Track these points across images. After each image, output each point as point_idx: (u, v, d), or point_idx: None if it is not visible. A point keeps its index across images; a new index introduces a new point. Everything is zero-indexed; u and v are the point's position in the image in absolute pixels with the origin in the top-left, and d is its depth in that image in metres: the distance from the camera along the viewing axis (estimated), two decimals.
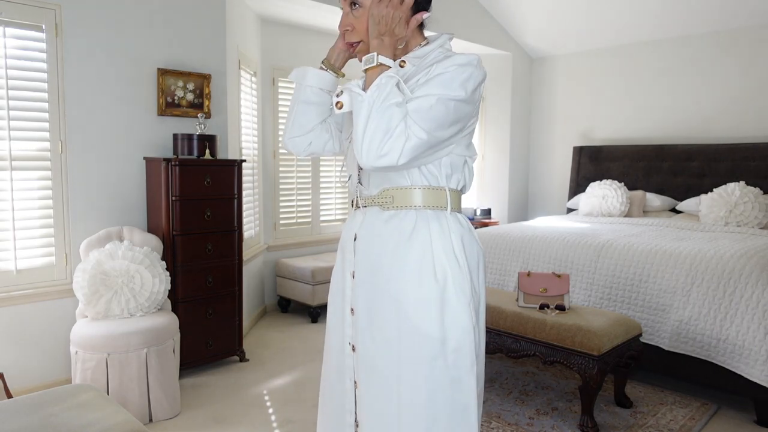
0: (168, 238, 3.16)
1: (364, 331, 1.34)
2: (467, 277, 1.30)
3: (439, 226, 1.32)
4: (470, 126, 1.34)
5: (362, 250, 1.37)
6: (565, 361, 2.66)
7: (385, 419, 1.31)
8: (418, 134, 1.20)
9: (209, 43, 3.59)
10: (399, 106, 1.21)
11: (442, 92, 1.23)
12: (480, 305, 1.38)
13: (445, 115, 1.23)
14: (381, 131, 1.19)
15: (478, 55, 1.30)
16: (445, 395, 1.28)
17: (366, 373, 1.34)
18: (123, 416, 1.77)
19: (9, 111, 2.84)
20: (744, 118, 4.66)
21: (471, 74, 1.26)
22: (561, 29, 5.47)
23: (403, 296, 1.29)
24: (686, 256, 3.11)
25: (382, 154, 1.19)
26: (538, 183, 6.17)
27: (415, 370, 1.27)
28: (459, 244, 1.32)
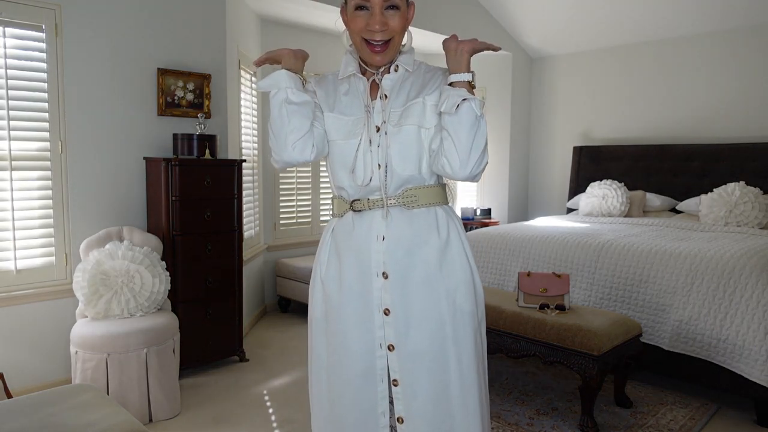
0: (168, 238, 3.16)
1: (404, 329, 1.38)
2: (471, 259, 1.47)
3: (455, 219, 1.49)
4: None
5: (392, 250, 1.39)
6: (565, 361, 2.66)
7: (442, 403, 1.38)
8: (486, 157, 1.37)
9: (209, 43, 3.59)
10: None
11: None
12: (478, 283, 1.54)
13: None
14: (484, 151, 1.34)
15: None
16: (483, 362, 1.49)
17: (411, 369, 1.38)
18: (123, 416, 1.77)
19: (9, 111, 2.84)
20: (744, 118, 4.66)
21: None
22: (561, 29, 5.46)
23: (448, 285, 1.40)
24: (686, 256, 3.11)
25: (481, 171, 1.36)
26: (538, 183, 6.17)
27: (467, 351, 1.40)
28: (462, 231, 1.49)
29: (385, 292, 1.38)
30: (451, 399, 1.38)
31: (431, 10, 4.88)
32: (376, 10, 1.34)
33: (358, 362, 1.42)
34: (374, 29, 1.35)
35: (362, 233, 1.42)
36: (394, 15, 1.35)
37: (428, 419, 1.37)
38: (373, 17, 1.34)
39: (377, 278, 1.39)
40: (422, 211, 1.41)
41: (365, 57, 1.40)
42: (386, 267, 1.39)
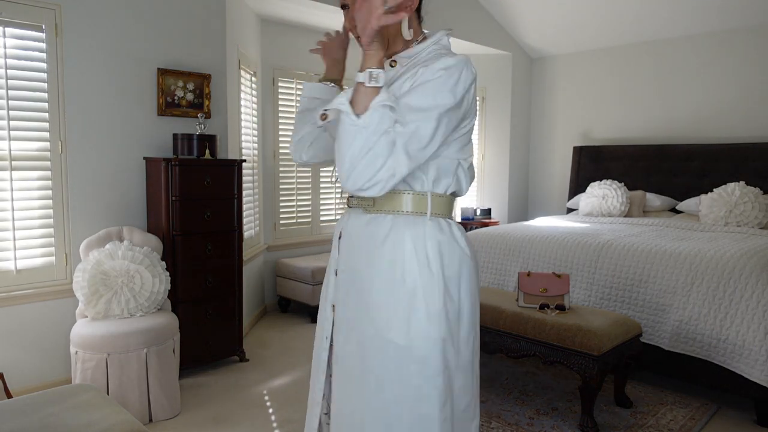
0: (168, 238, 3.16)
1: (340, 327, 1.36)
2: (440, 287, 1.25)
3: (414, 233, 1.28)
4: (463, 128, 1.29)
5: (345, 249, 1.38)
6: (565, 361, 2.66)
7: (352, 416, 1.31)
8: (402, 167, 1.18)
9: (209, 43, 3.59)
10: (387, 134, 1.16)
11: (430, 103, 1.19)
12: (462, 315, 1.30)
13: (434, 132, 1.20)
14: (369, 165, 1.15)
15: (467, 56, 1.26)
16: (407, 404, 1.25)
17: (338, 368, 1.36)
18: (123, 416, 1.77)
19: (9, 111, 2.84)
20: (744, 118, 4.66)
21: (459, 77, 1.21)
22: (561, 29, 5.47)
23: (373, 302, 1.27)
24: (686, 256, 3.11)
25: (366, 187, 1.17)
26: (538, 183, 6.17)
27: (379, 375, 1.26)
28: (435, 252, 1.27)
29: (335, 288, 1.39)
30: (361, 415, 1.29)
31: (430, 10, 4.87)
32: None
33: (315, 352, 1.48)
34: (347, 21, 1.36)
35: (336, 229, 1.44)
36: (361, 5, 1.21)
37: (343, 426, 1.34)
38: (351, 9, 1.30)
39: (333, 274, 1.40)
40: (375, 218, 1.31)
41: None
42: (338, 265, 1.38)
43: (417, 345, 1.24)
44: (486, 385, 3.16)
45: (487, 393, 3.07)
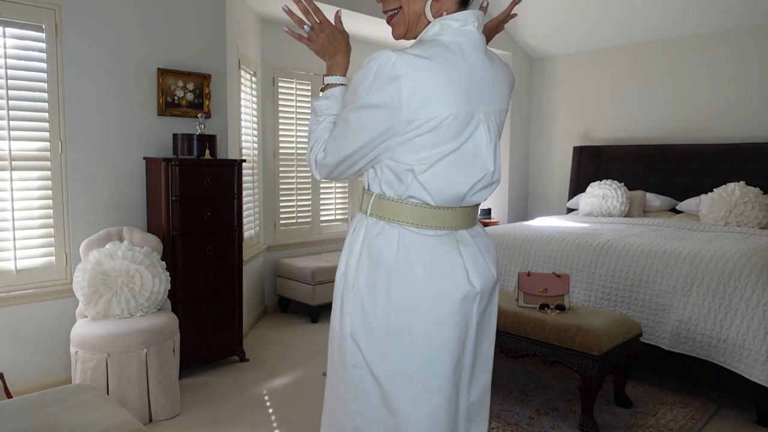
0: (168, 238, 3.16)
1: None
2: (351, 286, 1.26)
3: (356, 228, 1.31)
4: (407, 132, 1.16)
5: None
6: (565, 361, 2.66)
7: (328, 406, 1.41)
8: (324, 157, 1.25)
9: (209, 43, 3.59)
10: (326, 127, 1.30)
11: (344, 103, 1.25)
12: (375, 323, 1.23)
13: (346, 130, 1.20)
14: (308, 151, 1.32)
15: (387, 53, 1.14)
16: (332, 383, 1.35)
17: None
18: (123, 416, 1.77)
19: (9, 111, 2.84)
20: (744, 118, 4.66)
21: (365, 76, 1.16)
22: (561, 29, 5.47)
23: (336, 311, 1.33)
24: (686, 256, 3.11)
25: (310, 168, 1.32)
26: (538, 183, 6.17)
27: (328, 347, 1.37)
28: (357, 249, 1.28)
29: None
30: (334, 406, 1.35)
31: None
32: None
33: None
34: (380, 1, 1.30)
35: None
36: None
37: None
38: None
39: None
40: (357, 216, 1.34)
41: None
42: None
43: (338, 332, 1.30)
44: None
45: None
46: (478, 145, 1.20)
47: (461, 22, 1.21)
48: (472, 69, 1.19)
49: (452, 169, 1.20)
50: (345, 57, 1.33)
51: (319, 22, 1.30)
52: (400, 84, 1.12)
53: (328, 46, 1.31)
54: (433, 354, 1.22)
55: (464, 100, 1.17)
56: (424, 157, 1.18)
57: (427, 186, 1.20)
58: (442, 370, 1.23)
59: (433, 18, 1.22)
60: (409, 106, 1.13)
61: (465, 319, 1.25)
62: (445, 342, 1.23)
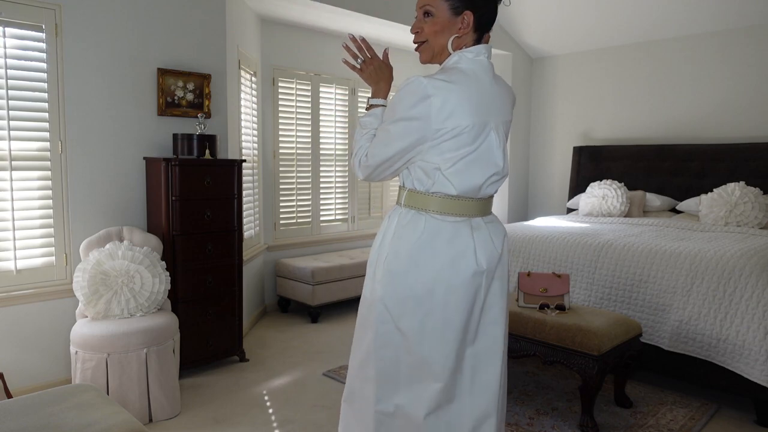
0: (168, 238, 3.16)
1: None
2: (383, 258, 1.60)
3: (391, 216, 1.65)
4: (437, 138, 1.49)
5: None
6: (565, 361, 2.66)
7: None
8: (366, 160, 1.59)
9: (209, 43, 3.59)
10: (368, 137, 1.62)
11: (385, 118, 1.58)
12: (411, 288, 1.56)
13: (387, 138, 1.53)
14: (352, 156, 1.64)
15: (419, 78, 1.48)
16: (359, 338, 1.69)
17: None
18: (123, 416, 1.77)
19: (9, 111, 2.84)
20: (744, 118, 4.66)
21: (402, 96, 1.50)
22: (561, 29, 5.47)
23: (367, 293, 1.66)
24: (686, 256, 3.11)
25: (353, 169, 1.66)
26: (538, 183, 6.17)
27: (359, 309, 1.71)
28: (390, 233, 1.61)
29: None
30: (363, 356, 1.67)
31: None
32: (419, 16, 1.60)
33: None
34: (412, 32, 1.63)
35: None
36: (427, 22, 1.57)
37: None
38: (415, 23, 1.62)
39: None
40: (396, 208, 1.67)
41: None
42: None
43: (369, 298, 1.63)
44: None
45: None
46: (490, 147, 1.54)
47: (475, 54, 1.56)
48: (484, 89, 1.54)
49: (471, 167, 1.54)
50: (387, 85, 1.68)
51: (371, 57, 1.68)
52: (431, 102, 1.46)
53: (374, 76, 1.68)
54: (448, 314, 1.56)
55: (479, 113, 1.51)
56: (449, 157, 1.51)
57: (452, 180, 1.53)
58: (452, 326, 1.56)
59: (453, 51, 1.57)
60: (437, 118, 1.47)
61: (474, 290, 1.57)
62: (456, 306, 1.55)
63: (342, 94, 5.19)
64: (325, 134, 5.09)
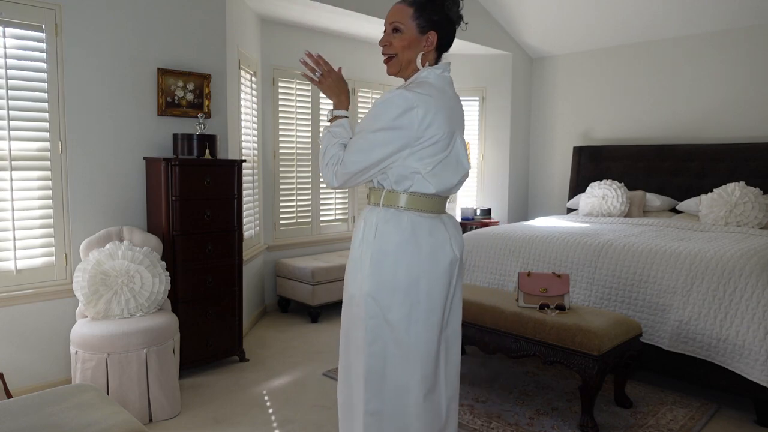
0: (168, 238, 3.16)
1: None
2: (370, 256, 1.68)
3: (367, 217, 1.74)
4: (417, 146, 1.62)
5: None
6: (565, 361, 2.66)
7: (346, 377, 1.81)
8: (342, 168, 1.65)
9: (209, 43, 3.59)
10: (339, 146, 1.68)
11: (362, 127, 1.65)
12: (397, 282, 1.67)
13: (368, 146, 1.62)
14: (324, 165, 1.69)
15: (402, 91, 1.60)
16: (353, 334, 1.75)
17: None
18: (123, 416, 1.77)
19: (9, 111, 2.84)
20: (744, 118, 4.66)
21: (387, 107, 1.60)
22: (561, 29, 5.47)
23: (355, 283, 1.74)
24: (686, 256, 3.11)
25: (326, 181, 1.72)
26: (538, 183, 6.17)
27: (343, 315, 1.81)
28: (371, 231, 1.70)
29: None
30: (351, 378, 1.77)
31: None
32: (388, 30, 1.72)
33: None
34: (381, 45, 1.74)
35: None
36: (396, 37, 1.70)
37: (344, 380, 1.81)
38: (383, 38, 1.74)
39: None
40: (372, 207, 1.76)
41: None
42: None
43: (357, 295, 1.72)
44: (486, 385, 3.17)
45: (487, 393, 3.07)
46: (458, 152, 1.72)
47: (442, 70, 1.73)
48: (450, 101, 1.70)
49: (447, 169, 1.70)
50: (347, 97, 1.80)
51: (327, 70, 1.79)
52: (416, 112, 1.59)
53: (334, 88, 1.78)
54: (431, 303, 1.70)
55: (450, 123, 1.67)
56: (428, 162, 1.65)
57: (431, 181, 1.67)
58: (436, 313, 1.71)
59: (421, 66, 1.71)
60: (419, 128, 1.60)
61: (450, 277, 1.73)
62: (438, 294, 1.71)
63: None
64: None
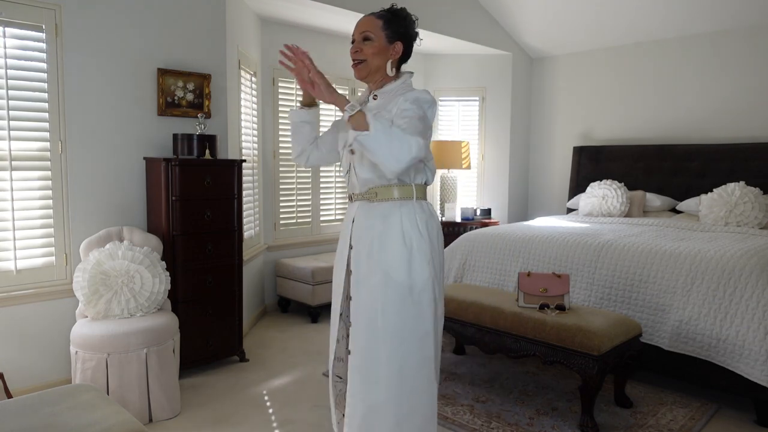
0: (168, 238, 3.16)
1: (356, 286, 1.86)
2: (427, 244, 1.84)
3: (407, 211, 1.85)
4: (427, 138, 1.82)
5: (357, 229, 1.90)
6: (565, 361, 2.66)
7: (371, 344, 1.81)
8: (418, 141, 1.70)
9: (209, 43, 3.59)
10: (392, 128, 1.69)
11: (413, 114, 1.76)
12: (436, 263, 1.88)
13: (421, 127, 1.76)
14: (397, 146, 1.67)
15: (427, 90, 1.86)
16: (412, 323, 1.82)
17: (356, 314, 1.85)
18: (123, 416, 1.77)
19: (9, 111, 2.84)
20: (744, 118, 4.66)
21: (427, 100, 1.81)
22: (561, 29, 5.47)
23: (385, 259, 1.81)
24: (686, 256, 3.11)
25: (403, 159, 1.68)
26: (538, 183, 6.17)
27: (391, 307, 1.81)
28: (422, 222, 1.86)
29: (350, 258, 1.90)
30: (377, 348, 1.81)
31: (431, 10, 4.88)
32: (359, 39, 1.87)
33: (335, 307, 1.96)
34: (352, 52, 1.88)
35: (347, 216, 1.98)
36: (367, 44, 1.85)
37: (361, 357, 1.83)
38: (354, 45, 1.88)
39: (348, 248, 1.91)
40: (380, 204, 1.87)
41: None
42: (353, 241, 1.90)
43: (416, 282, 1.82)
44: (486, 385, 3.17)
45: (487, 393, 3.07)
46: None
47: (411, 76, 1.95)
48: None
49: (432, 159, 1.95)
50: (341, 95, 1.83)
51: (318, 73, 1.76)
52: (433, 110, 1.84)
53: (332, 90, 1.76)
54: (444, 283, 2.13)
55: None
56: (429, 155, 1.88)
57: (433, 170, 1.95)
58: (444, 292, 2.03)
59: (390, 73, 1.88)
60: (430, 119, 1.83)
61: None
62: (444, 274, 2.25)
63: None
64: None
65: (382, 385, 1.77)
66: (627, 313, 3.17)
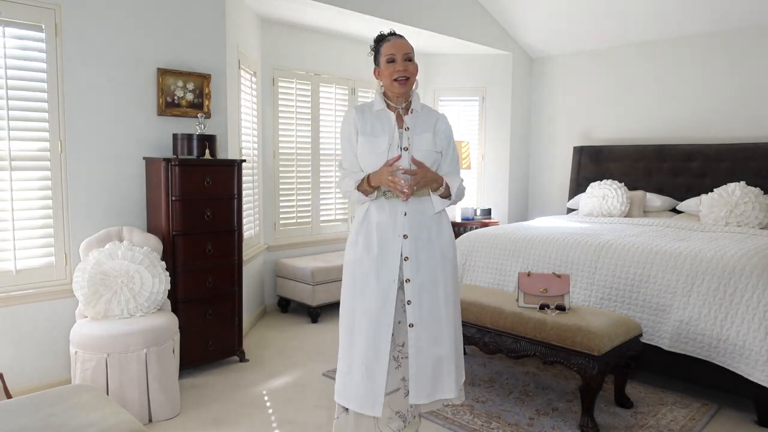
0: (168, 238, 3.16)
1: (416, 269, 2.14)
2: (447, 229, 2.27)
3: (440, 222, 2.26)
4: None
5: (410, 221, 2.16)
6: (566, 361, 2.66)
7: (434, 313, 2.16)
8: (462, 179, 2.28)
9: (209, 43, 3.59)
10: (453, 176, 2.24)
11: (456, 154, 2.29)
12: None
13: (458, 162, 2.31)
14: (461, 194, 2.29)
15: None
16: (457, 291, 2.27)
17: (420, 290, 2.15)
18: (123, 416, 1.77)
19: (9, 111, 2.84)
20: (744, 118, 4.66)
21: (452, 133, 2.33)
22: (561, 29, 5.46)
23: (442, 243, 2.20)
24: (686, 256, 3.11)
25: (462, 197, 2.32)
26: (538, 183, 6.17)
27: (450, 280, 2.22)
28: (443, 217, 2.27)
29: (405, 247, 2.14)
30: (440, 311, 2.17)
31: (431, 10, 4.87)
32: (400, 59, 2.16)
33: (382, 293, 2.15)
34: (400, 70, 2.15)
35: (391, 210, 2.18)
36: (410, 64, 2.17)
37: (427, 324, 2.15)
38: (399, 64, 2.16)
39: (400, 238, 2.15)
40: (426, 198, 2.19)
41: (395, 91, 2.16)
42: (406, 231, 2.15)
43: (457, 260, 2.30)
44: (486, 385, 3.17)
45: (487, 393, 3.07)
46: None
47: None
48: None
49: None
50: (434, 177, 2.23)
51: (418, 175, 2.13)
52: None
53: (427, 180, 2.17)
54: None
55: None
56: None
57: None
58: None
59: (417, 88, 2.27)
60: None
61: None
62: None
63: (342, 93, 5.19)
64: (325, 134, 5.09)
65: (445, 341, 2.16)
66: (627, 313, 3.17)
